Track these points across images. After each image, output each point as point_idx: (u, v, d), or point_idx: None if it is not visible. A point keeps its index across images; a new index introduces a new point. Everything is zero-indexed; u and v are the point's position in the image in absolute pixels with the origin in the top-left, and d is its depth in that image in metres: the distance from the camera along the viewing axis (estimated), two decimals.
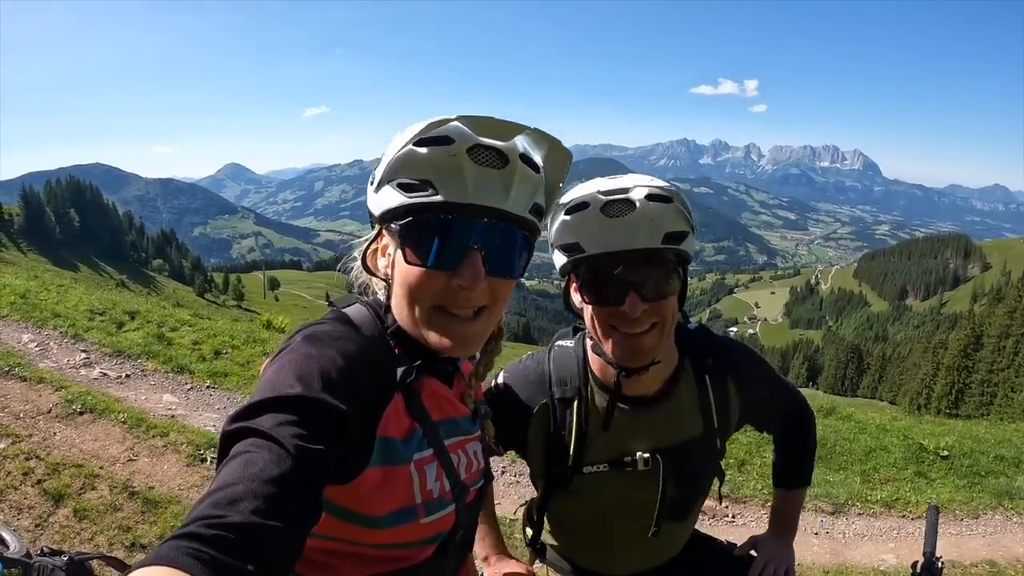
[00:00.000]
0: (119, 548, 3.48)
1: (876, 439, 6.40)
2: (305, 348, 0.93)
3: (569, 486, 1.46)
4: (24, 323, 7.87)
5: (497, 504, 4.58)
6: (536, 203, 1.02)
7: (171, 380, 6.63)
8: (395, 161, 0.96)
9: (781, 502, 1.79)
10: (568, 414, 1.43)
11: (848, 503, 5.06)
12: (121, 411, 5.20)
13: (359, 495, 0.95)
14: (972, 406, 38.78)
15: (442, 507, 1.07)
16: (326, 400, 0.84)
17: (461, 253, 0.94)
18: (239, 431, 0.78)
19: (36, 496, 3.82)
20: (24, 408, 5.06)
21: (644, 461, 1.41)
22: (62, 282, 12.50)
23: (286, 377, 0.86)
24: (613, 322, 1.28)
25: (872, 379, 74.80)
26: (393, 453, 0.98)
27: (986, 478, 5.67)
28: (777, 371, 1.69)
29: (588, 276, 1.29)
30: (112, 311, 8.84)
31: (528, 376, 1.49)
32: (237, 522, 0.64)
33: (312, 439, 0.78)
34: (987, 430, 7.60)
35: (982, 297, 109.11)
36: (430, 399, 1.07)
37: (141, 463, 4.51)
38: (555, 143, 1.02)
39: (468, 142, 0.94)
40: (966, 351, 43.70)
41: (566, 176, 1.10)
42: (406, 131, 0.97)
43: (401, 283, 0.99)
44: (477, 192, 0.93)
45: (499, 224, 0.96)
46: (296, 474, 0.73)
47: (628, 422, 1.42)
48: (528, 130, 0.97)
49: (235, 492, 0.68)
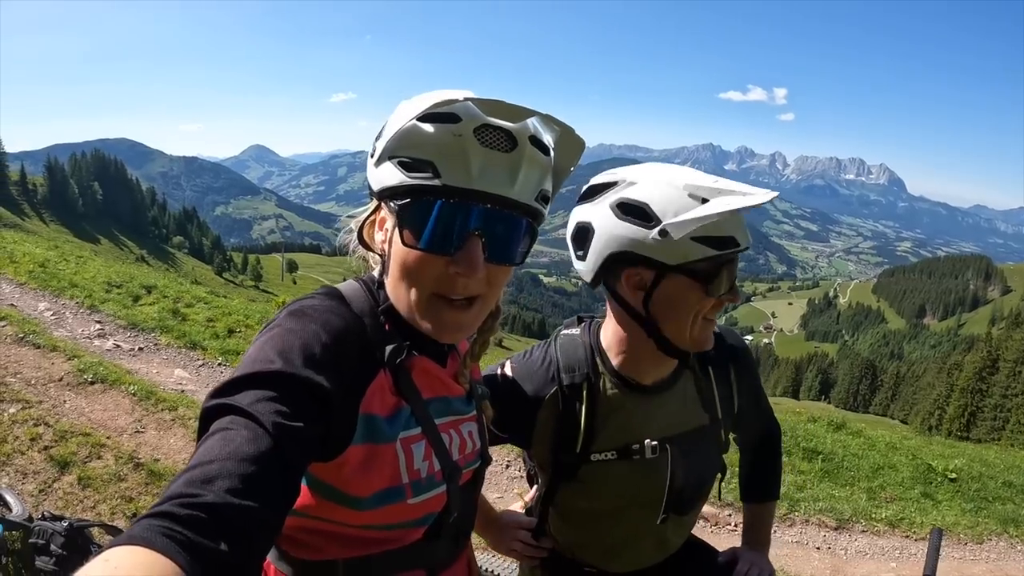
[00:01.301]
0: (120, 518, 3.51)
1: (885, 457, 6.33)
2: (289, 323, 0.90)
3: (575, 475, 1.45)
4: (41, 292, 7.98)
5: (500, 498, 4.58)
6: (543, 190, 0.98)
7: (183, 355, 6.69)
8: (398, 136, 0.92)
9: (755, 516, 1.77)
10: (576, 402, 1.42)
11: (852, 519, 5.00)
12: (132, 383, 5.27)
13: (344, 473, 0.93)
14: (984, 430, 38.33)
15: (431, 487, 1.04)
16: (307, 376, 0.82)
17: (461, 239, 0.91)
18: (218, 407, 0.77)
19: (42, 462, 3.86)
20: (36, 375, 5.13)
21: (652, 449, 1.40)
22: (81, 254, 12.67)
23: (267, 352, 0.84)
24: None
25: (885, 397, 74.09)
26: (377, 431, 0.95)
27: (993, 503, 5.58)
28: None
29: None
30: (129, 284, 8.95)
31: (534, 366, 1.46)
32: (211, 502, 0.63)
33: (292, 416, 0.77)
34: (997, 455, 7.51)
35: (1000, 320, 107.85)
36: (421, 377, 1.04)
37: (148, 435, 4.55)
38: (568, 129, 0.99)
39: (476, 121, 0.90)
40: (981, 374, 43.16)
41: (576, 164, 1.06)
42: (412, 102, 0.93)
43: (397, 264, 0.96)
44: (481, 178, 0.89)
45: (502, 211, 0.92)
46: (274, 453, 0.72)
47: (636, 410, 1.42)
48: (540, 115, 0.93)
49: (211, 471, 0.67)
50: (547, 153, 0.98)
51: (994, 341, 46.80)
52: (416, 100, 0.93)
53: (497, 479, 4.99)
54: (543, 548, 1.60)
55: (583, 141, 1.02)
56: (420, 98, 0.92)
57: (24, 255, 9.84)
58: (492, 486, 4.88)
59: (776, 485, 1.75)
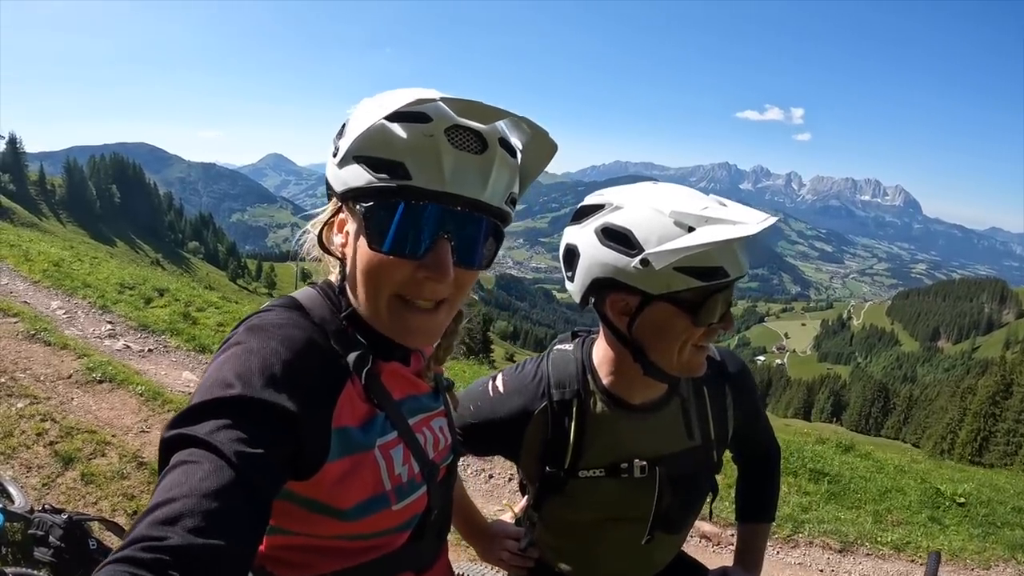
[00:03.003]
0: (121, 514, 3.53)
1: (893, 480, 6.24)
2: (248, 341, 0.87)
3: (563, 490, 1.43)
4: (55, 290, 8.09)
5: (500, 510, 4.55)
6: (512, 192, 0.95)
7: (192, 358, 6.74)
8: (365, 136, 0.87)
9: (749, 537, 1.72)
10: (566, 418, 1.41)
11: (857, 542, 4.94)
12: (140, 383, 5.31)
13: (326, 487, 0.91)
14: (996, 455, 37.69)
15: (413, 490, 1.03)
16: (268, 399, 0.79)
17: (430, 242, 0.88)
18: (178, 438, 0.74)
19: (47, 456, 3.90)
20: (46, 372, 5.19)
21: (641, 468, 1.39)
22: (96, 255, 12.80)
23: (226, 375, 0.80)
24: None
25: (897, 420, 73.16)
26: (353, 442, 0.93)
27: (1002, 529, 5.49)
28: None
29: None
30: (142, 287, 9.04)
31: (525, 380, 1.46)
32: (176, 544, 0.62)
33: (255, 443, 0.74)
34: (1008, 480, 7.39)
35: (1015, 344, 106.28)
36: (389, 378, 1.02)
37: (153, 435, 4.58)
38: (541, 132, 0.96)
39: (447, 121, 0.86)
40: (995, 398, 42.47)
41: (544, 167, 1.03)
42: (376, 99, 0.90)
43: (362, 268, 0.92)
44: (454, 180, 0.86)
45: (472, 214, 0.89)
46: (237, 483, 0.70)
47: (626, 428, 1.40)
48: (512, 116, 0.90)
49: (174, 510, 0.65)
50: (515, 156, 0.96)
51: (1008, 365, 45.99)
52: (380, 98, 0.89)
53: (500, 492, 4.97)
54: (530, 559, 1.59)
55: (555, 145, 0.99)
56: (385, 96, 0.88)
57: (39, 254, 9.96)
58: (493, 499, 4.86)
59: (771, 507, 1.71)
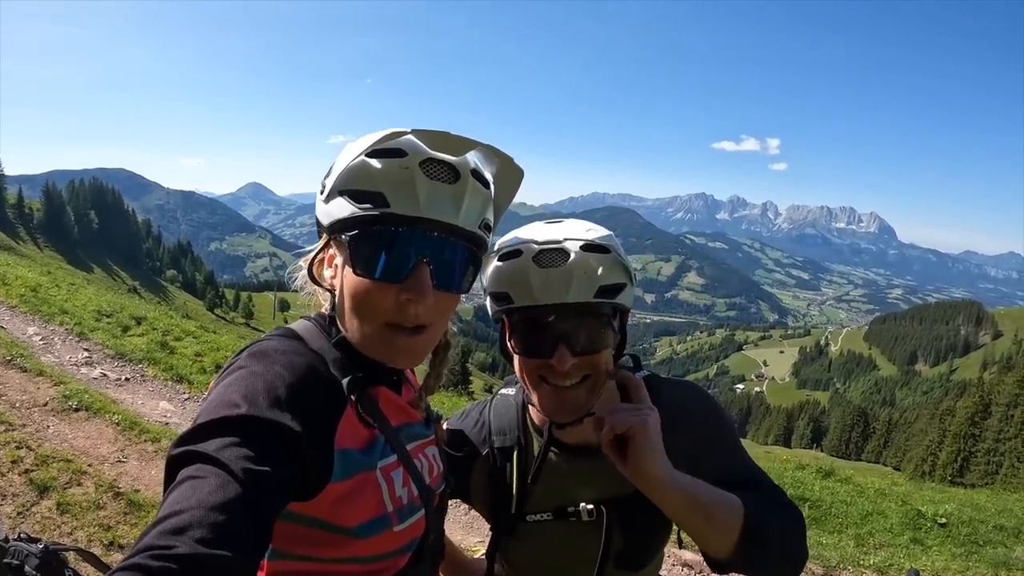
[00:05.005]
0: (97, 545, 3.46)
1: (874, 503, 6.29)
2: (251, 365, 0.91)
3: (515, 533, 1.42)
4: (32, 316, 7.97)
5: (459, 541, 4.50)
6: (485, 219, 1.02)
7: (169, 388, 6.66)
8: (347, 172, 0.95)
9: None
10: (508, 464, 1.41)
11: (839, 566, 4.95)
12: (116, 412, 5.23)
13: (330, 508, 0.93)
14: (977, 475, 37.93)
15: (412, 513, 1.05)
16: (274, 419, 0.83)
17: (410, 266, 0.94)
18: (185, 455, 0.76)
19: (22, 485, 3.81)
20: (21, 398, 5.09)
21: (588, 512, 1.35)
22: (74, 281, 12.65)
23: (232, 396, 0.84)
24: (543, 373, 1.23)
25: (877, 444, 73.44)
26: (354, 464, 0.97)
27: (984, 547, 5.54)
28: (736, 440, 1.41)
29: (518, 326, 1.24)
30: (119, 315, 8.93)
31: (470, 426, 1.47)
32: (183, 553, 0.63)
33: (260, 461, 0.77)
34: (988, 499, 7.48)
35: (992, 365, 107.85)
36: (386, 405, 1.06)
37: (130, 465, 4.50)
38: (507, 160, 1.04)
39: (421, 155, 0.94)
40: (974, 419, 42.84)
41: (516, 194, 1.11)
42: (359, 141, 0.97)
43: (349, 295, 0.98)
44: (429, 206, 0.93)
45: (448, 239, 0.96)
46: (244, 499, 0.72)
47: (570, 472, 1.37)
48: (481, 146, 0.97)
49: (181, 521, 0.67)
50: (487, 186, 1.03)
51: (986, 386, 46.56)
52: (361, 140, 0.96)
53: (479, 524, 4.92)
54: None
55: (520, 170, 1.07)
56: (366, 138, 0.96)
57: (16, 278, 9.82)
58: (473, 531, 4.85)
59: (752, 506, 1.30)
